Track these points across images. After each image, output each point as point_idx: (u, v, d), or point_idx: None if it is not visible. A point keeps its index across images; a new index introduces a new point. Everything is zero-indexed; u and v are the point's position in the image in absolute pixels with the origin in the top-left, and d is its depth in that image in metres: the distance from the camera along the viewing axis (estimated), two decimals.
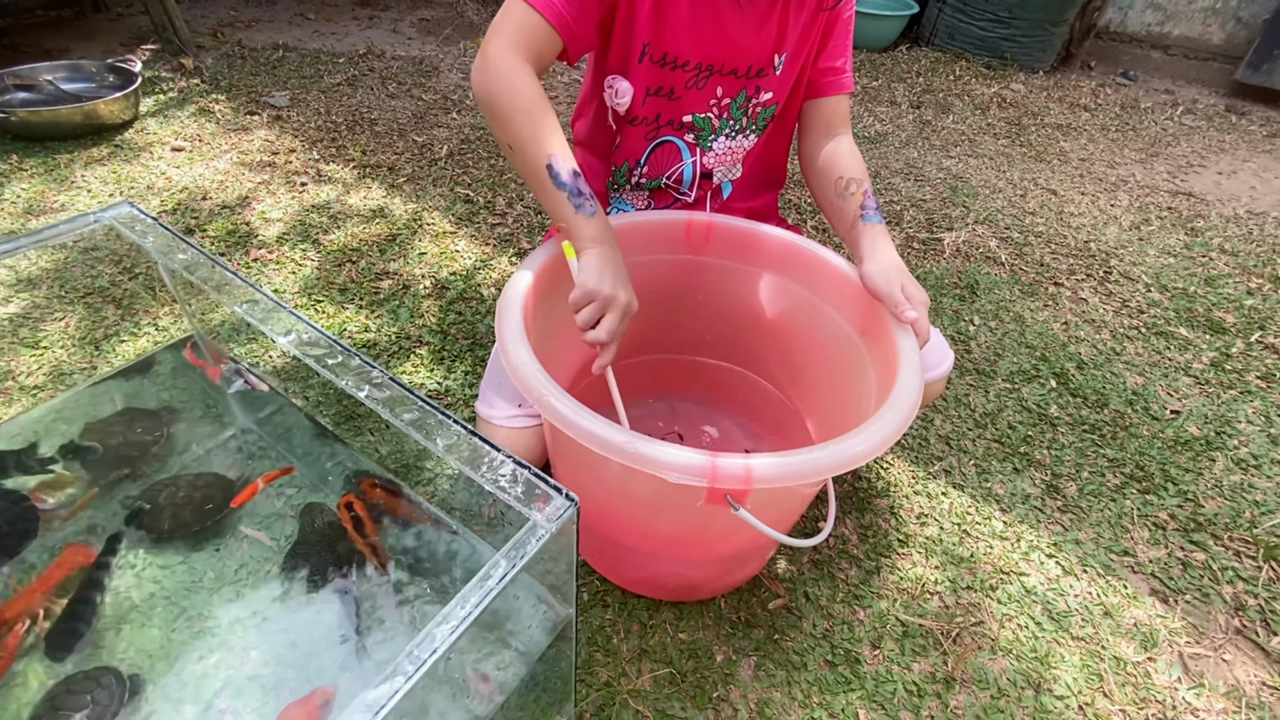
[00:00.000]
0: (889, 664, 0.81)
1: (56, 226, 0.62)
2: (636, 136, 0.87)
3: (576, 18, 0.72)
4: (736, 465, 0.52)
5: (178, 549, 0.71)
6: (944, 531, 0.96)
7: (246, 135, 1.76)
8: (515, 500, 0.40)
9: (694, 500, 0.56)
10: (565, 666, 0.60)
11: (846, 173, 0.82)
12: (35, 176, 1.49)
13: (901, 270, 0.73)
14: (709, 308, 0.92)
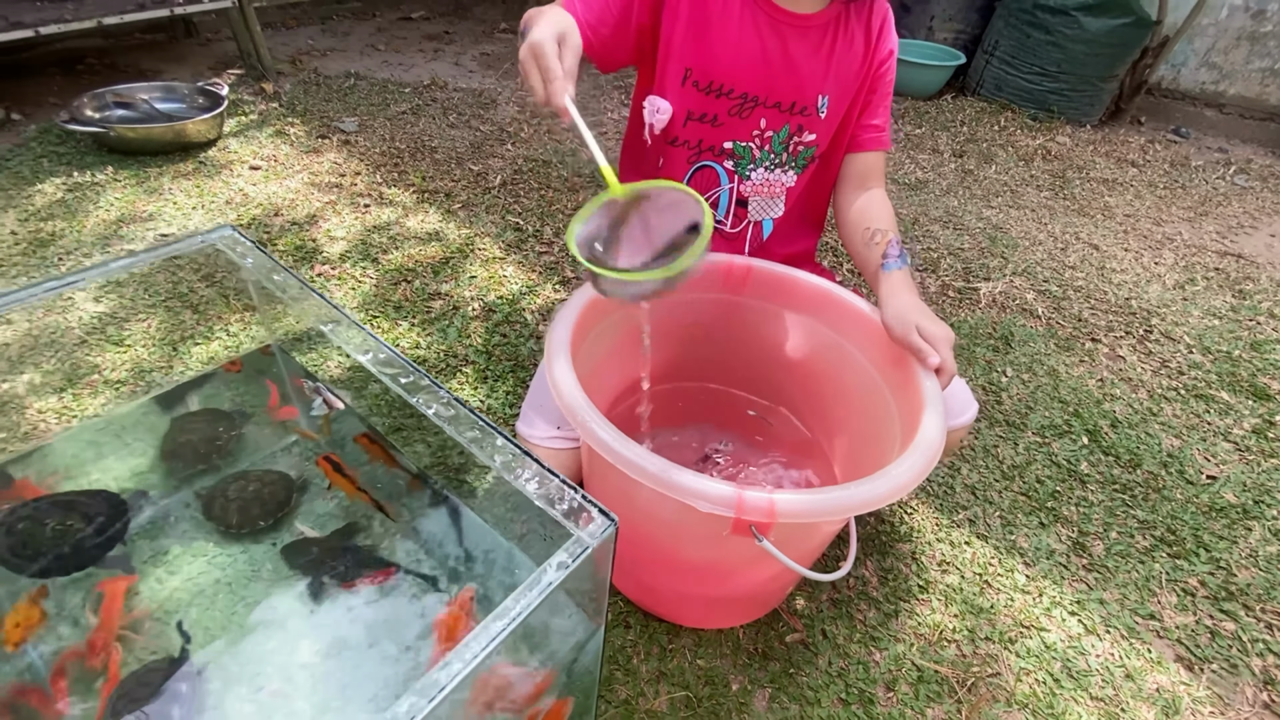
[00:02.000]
0: (903, 707, 0.82)
1: (171, 245, 0.70)
2: (679, 159, 0.92)
3: (592, 23, 0.76)
4: (761, 499, 0.56)
5: (241, 541, 0.77)
6: (965, 580, 0.97)
7: (317, 157, 1.89)
8: (561, 516, 0.45)
9: (720, 529, 0.59)
10: (589, 681, 0.64)
11: (874, 223, 0.87)
12: (128, 187, 1.63)
13: (919, 311, 0.76)
14: (744, 345, 0.96)
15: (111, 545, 0.71)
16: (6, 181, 1.60)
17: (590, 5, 0.77)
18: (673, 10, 0.82)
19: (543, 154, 2.08)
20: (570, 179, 1.96)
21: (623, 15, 0.80)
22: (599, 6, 0.78)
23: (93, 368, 1.14)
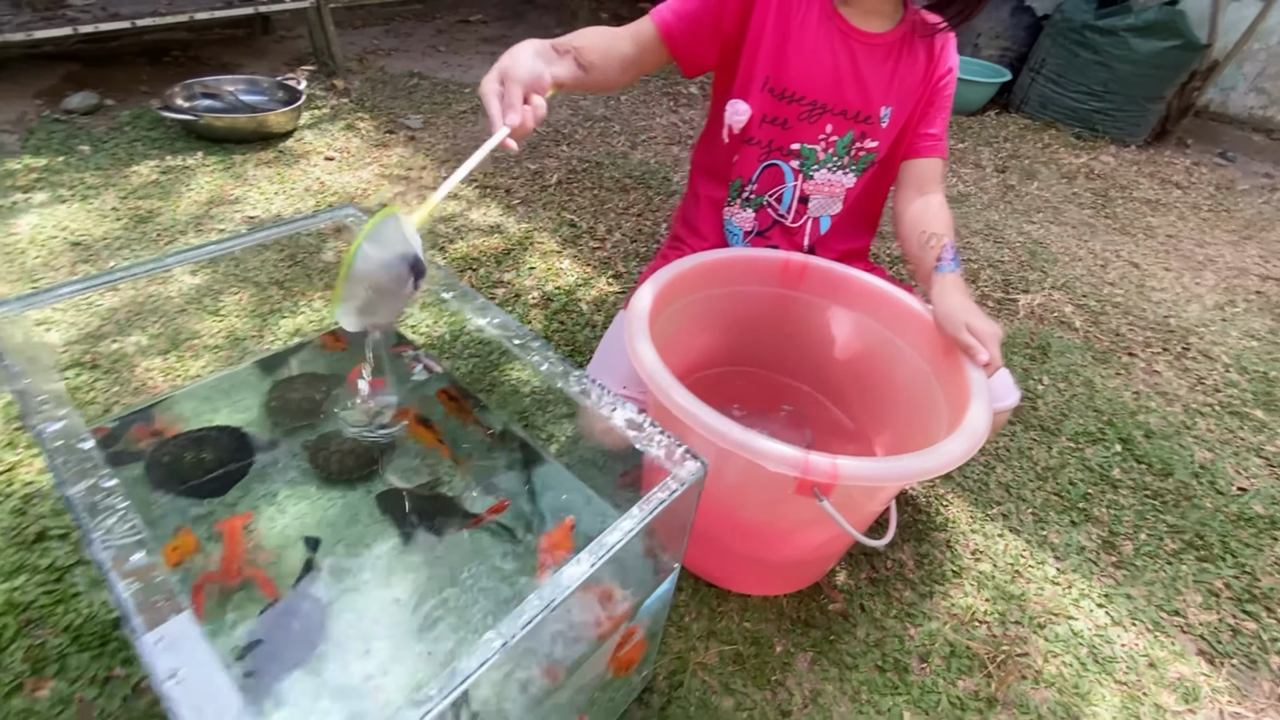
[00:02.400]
0: (935, 677, 0.88)
1: (300, 220, 0.80)
2: (751, 156, 1.00)
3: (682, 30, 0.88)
4: (825, 461, 0.63)
5: (340, 488, 0.86)
6: (997, 569, 1.03)
7: (386, 151, 2.00)
8: (660, 457, 0.53)
9: (784, 490, 0.67)
10: (658, 625, 0.71)
11: (930, 227, 0.93)
12: (215, 172, 1.76)
13: (969, 310, 0.82)
14: (797, 338, 1.03)
15: (244, 474, 0.80)
16: (105, 161, 1.74)
17: (681, 16, 0.88)
18: (759, 23, 0.90)
19: (595, 156, 2.17)
20: (621, 180, 2.05)
21: (713, 28, 0.90)
22: (690, 19, 0.88)
23: (193, 334, 1.25)
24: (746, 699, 0.83)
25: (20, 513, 0.91)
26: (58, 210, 1.52)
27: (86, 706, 0.74)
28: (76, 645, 0.79)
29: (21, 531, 0.89)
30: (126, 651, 0.79)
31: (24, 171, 1.65)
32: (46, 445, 0.47)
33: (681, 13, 0.88)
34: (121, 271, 0.68)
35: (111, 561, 0.40)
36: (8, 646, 0.78)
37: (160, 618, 0.38)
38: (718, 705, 0.82)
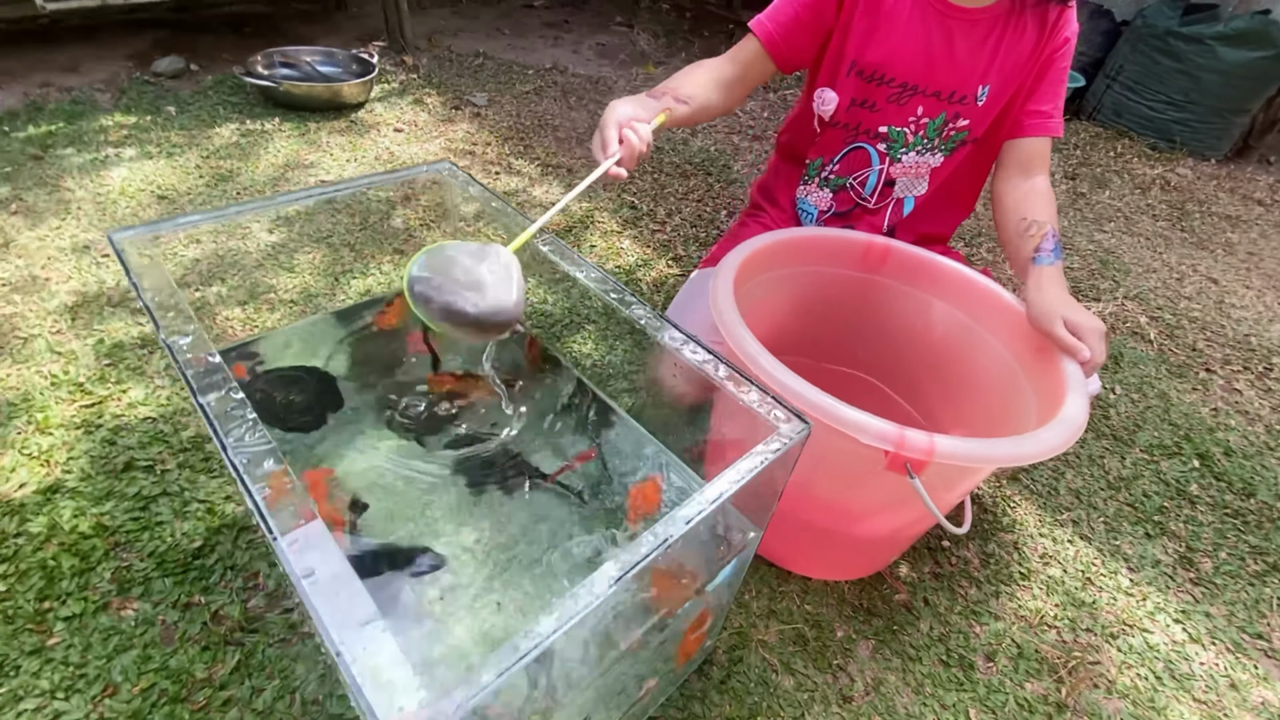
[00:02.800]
0: (1002, 677, 0.85)
1: (401, 172, 0.81)
2: (835, 139, 0.98)
3: (784, 37, 0.91)
4: (921, 437, 0.61)
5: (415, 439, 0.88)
6: (1067, 575, 0.99)
7: (452, 126, 2.03)
8: (762, 414, 0.52)
9: (871, 466, 0.65)
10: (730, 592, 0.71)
11: (1030, 214, 0.89)
12: (291, 137, 1.80)
13: (1066, 305, 0.78)
14: (872, 325, 1.01)
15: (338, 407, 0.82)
16: (189, 122, 1.80)
17: (780, 21, 0.91)
18: (849, 8, 0.88)
19: (656, 141, 2.16)
20: (681, 165, 2.04)
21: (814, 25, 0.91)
22: (790, 23, 0.91)
23: (269, 288, 1.28)
24: (807, 680, 0.82)
25: (110, 443, 0.95)
26: (145, 165, 1.58)
27: (169, 628, 0.77)
28: (160, 571, 0.82)
29: (111, 461, 0.93)
30: (206, 581, 0.82)
31: (115, 128, 1.71)
32: (178, 357, 0.49)
33: (780, 19, 0.91)
34: (238, 207, 0.70)
35: (245, 467, 0.41)
36: (96, 566, 0.81)
37: (293, 521, 0.39)
38: (778, 684, 0.81)
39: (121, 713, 0.69)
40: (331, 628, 0.34)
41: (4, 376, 1.02)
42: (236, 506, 0.90)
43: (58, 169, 1.53)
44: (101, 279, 1.24)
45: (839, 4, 0.90)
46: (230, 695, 0.72)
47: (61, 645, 0.74)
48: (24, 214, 1.38)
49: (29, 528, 0.84)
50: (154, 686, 0.72)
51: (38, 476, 0.90)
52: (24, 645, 0.74)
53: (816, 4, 0.90)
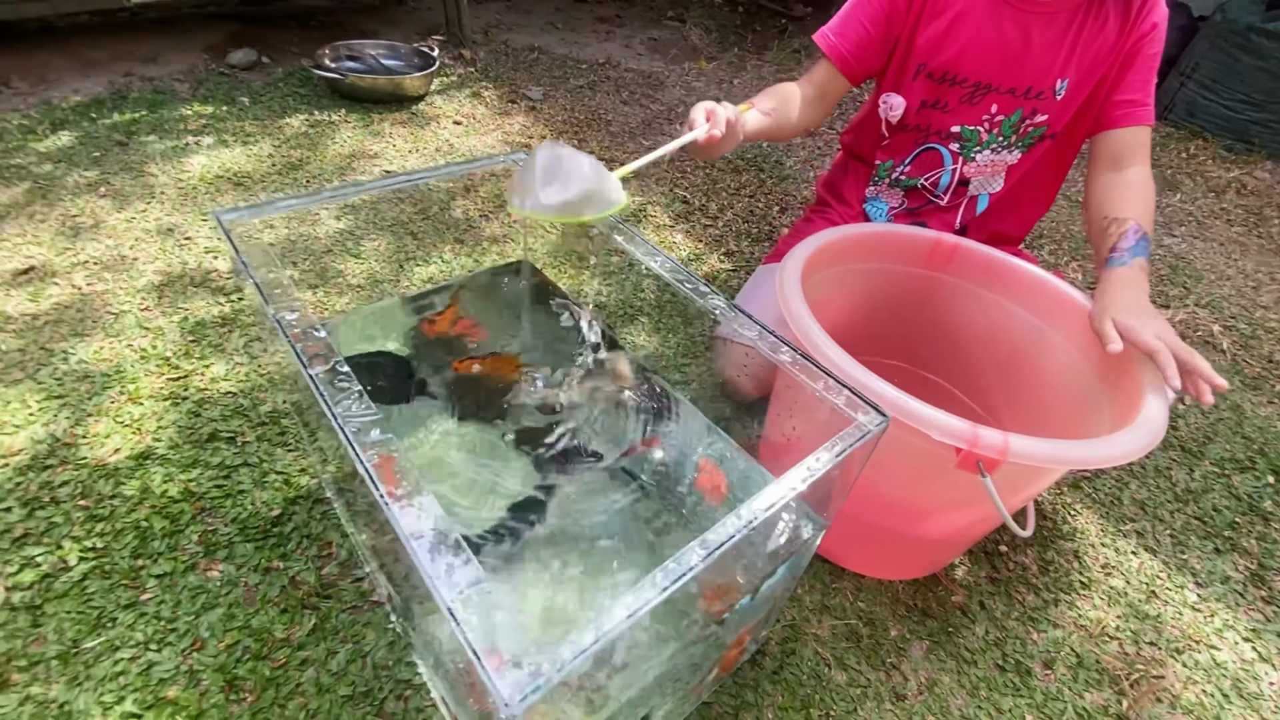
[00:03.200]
0: (1060, 686, 0.84)
1: (475, 162, 0.84)
2: (905, 141, 0.98)
3: (854, 53, 0.93)
4: (995, 435, 0.61)
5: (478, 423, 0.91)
6: (1130, 586, 0.97)
7: (509, 119, 2.07)
8: (840, 407, 0.52)
9: (943, 463, 0.65)
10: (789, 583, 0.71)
11: (1114, 211, 0.85)
12: (356, 128, 1.86)
13: (1124, 306, 0.74)
14: (937, 324, 1.00)
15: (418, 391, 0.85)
16: (262, 112, 1.88)
17: (847, 36, 0.93)
18: (915, 14, 0.88)
19: None
20: (733, 161, 2.03)
21: (884, 36, 0.91)
22: (857, 37, 0.92)
23: (338, 273, 1.33)
24: (860, 676, 0.82)
25: (195, 415, 1.01)
26: (222, 153, 1.66)
27: (250, 590, 0.81)
28: (242, 536, 0.86)
29: (196, 431, 0.98)
30: (284, 548, 0.86)
31: (194, 117, 1.80)
32: (287, 331, 0.52)
33: (849, 35, 0.93)
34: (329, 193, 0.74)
35: (355, 436, 0.44)
36: (185, 529, 0.87)
37: (399, 487, 0.41)
38: (830, 678, 0.81)
39: (209, 665, 0.74)
40: (440, 587, 0.37)
41: (98, 349, 1.09)
42: (310, 479, 0.95)
43: (141, 155, 1.62)
44: (185, 260, 1.31)
45: (906, 10, 0.89)
46: (307, 655, 0.76)
47: (153, 601, 0.79)
48: (112, 197, 1.46)
49: (123, 490, 0.90)
50: (238, 643, 0.76)
51: (130, 443, 0.96)
52: (120, 599, 0.79)
53: (885, 15, 0.90)
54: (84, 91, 1.87)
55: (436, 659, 0.70)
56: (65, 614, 0.76)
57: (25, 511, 0.85)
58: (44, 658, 0.73)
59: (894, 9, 0.90)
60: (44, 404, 0.99)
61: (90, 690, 0.71)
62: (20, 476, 0.89)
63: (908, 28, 0.91)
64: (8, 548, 0.82)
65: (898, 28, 0.91)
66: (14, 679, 0.71)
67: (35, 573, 0.80)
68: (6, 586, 0.78)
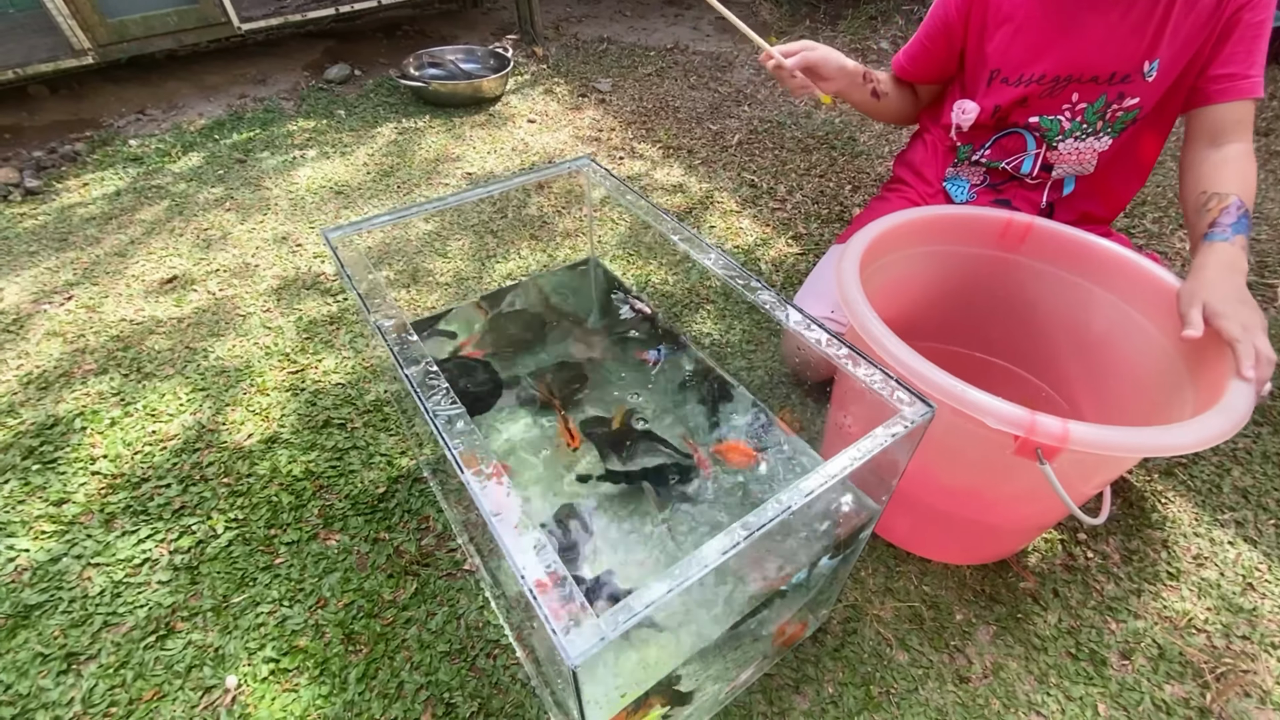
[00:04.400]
0: (1138, 677, 0.82)
1: (545, 170, 0.90)
2: (981, 137, 0.96)
3: (916, 70, 1.00)
4: (1054, 423, 0.61)
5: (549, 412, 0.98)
6: (1224, 578, 0.92)
7: (579, 114, 2.13)
8: (884, 396, 0.55)
9: (1000, 451, 0.65)
10: (847, 565, 0.74)
11: (1211, 187, 0.80)
12: (440, 133, 1.99)
13: (1214, 288, 0.71)
14: (1010, 308, 0.97)
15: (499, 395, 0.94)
16: (356, 124, 2.04)
17: (914, 57, 0.99)
18: (979, 22, 0.86)
19: (777, 116, 2.14)
20: (804, 140, 2.01)
21: (946, 47, 0.94)
22: (921, 56, 0.98)
23: (428, 271, 1.45)
24: (922, 658, 0.83)
25: (311, 404, 1.14)
26: (324, 165, 1.82)
27: (362, 557, 0.93)
28: (354, 510, 0.98)
29: (313, 418, 1.12)
30: (388, 521, 0.97)
31: (299, 132, 1.98)
32: (385, 336, 0.60)
33: (914, 54, 0.99)
34: (417, 207, 0.82)
35: (444, 426, 0.51)
36: (307, 504, 1.00)
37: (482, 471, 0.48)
38: (892, 657, 0.83)
39: (331, 621, 0.86)
40: (516, 555, 0.43)
41: (231, 347, 1.25)
42: (410, 461, 1.06)
43: (258, 170, 1.80)
44: (297, 265, 1.46)
45: (964, 24, 0.89)
46: (410, 615, 0.86)
47: (285, 565, 0.92)
48: (235, 210, 1.65)
49: (257, 470, 1.04)
50: (353, 603, 0.88)
51: (260, 429, 1.10)
52: (258, 563, 0.93)
53: (942, 29, 0.93)
54: (207, 115, 2.09)
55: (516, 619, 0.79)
56: (216, 574, 0.91)
57: (181, 488, 1.01)
58: (201, 610, 0.87)
59: (949, 22, 0.92)
60: (191, 396, 1.15)
61: (238, 638, 0.84)
62: (176, 458, 1.05)
63: (972, 39, 0.90)
64: (169, 518, 0.97)
65: (958, 41, 0.93)
66: (178, 626, 0.86)
67: (191, 539, 0.95)
68: (170, 550, 0.93)
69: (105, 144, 1.92)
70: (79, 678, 0.80)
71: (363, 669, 0.81)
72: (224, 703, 0.78)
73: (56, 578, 0.90)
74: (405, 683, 0.80)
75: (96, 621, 0.86)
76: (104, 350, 1.24)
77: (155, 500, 0.99)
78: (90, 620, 0.86)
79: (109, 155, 1.87)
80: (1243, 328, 0.67)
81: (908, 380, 0.58)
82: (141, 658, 0.82)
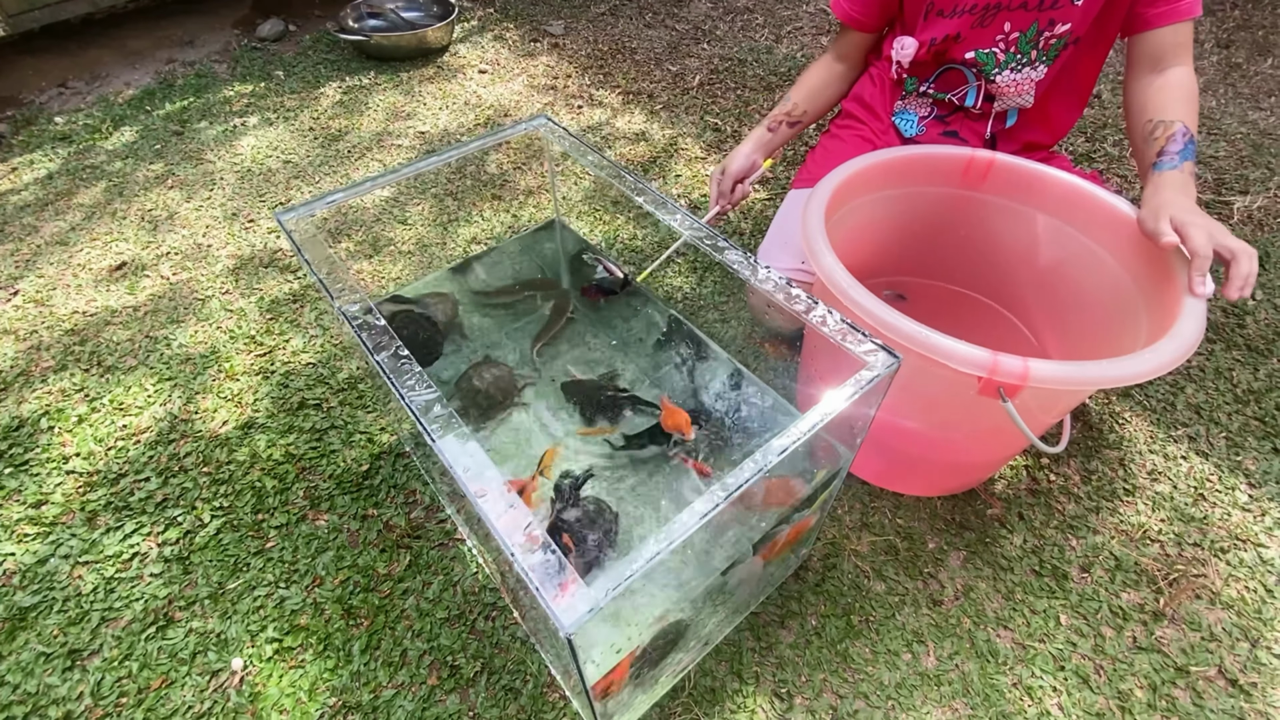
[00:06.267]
0: (1097, 587, 0.88)
1: (502, 132, 0.87)
2: (925, 67, 0.96)
3: (862, 10, 0.98)
4: (1015, 362, 0.63)
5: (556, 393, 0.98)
6: (1177, 490, 0.98)
7: (532, 61, 2.04)
8: (850, 349, 0.56)
9: (964, 391, 0.68)
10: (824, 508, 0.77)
11: (1157, 114, 0.81)
12: (388, 90, 1.90)
13: (1176, 205, 0.72)
14: (973, 244, 0.99)
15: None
16: (297, 85, 1.93)
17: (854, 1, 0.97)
18: None
19: (738, 53, 2.08)
20: (766, 78, 1.96)
21: None
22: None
23: (388, 241, 1.41)
24: (898, 585, 0.88)
25: (283, 386, 1.13)
26: (268, 132, 1.74)
27: (353, 535, 0.94)
28: (339, 490, 0.99)
29: (287, 401, 1.10)
30: (375, 497, 0.98)
31: (237, 98, 1.87)
32: (351, 321, 0.59)
33: None
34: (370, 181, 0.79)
35: (421, 411, 0.52)
36: (291, 486, 1.00)
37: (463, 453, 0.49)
38: (870, 588, 0.88)
39: (329, 598, 0.88)
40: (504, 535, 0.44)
41: (194, 333, 1.22)
42: (390, 437, 1.06)
43: (197, 143, 1.71)
44: (252, 243, 1.41)
45: None
46: (407, 587, 0.89)
47: (276, 548, 0.93)
48: (179, 187, 1.57)
49: (236, 456, 1.03)
50: (349, 579, 0.89)
51: (234, 415, 1.09)
52: (250, 548, 0.93)
53: None
54: (135, 84, 1.96)
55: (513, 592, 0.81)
56: (209, 562, 0.92)
57: (161, 480, 1.00)
58: (198, 598, 0.88)
59: None
60: (159, 386, 1.13)
61: (239, 621, 0.86)
62: (151, 450, 1.04)
63: None
64: (153, 511, 0.97)
65: None
66: (177, 616, 0.87)
67: (179, 530, 0.95)
68: (158, 543, 0.94)
69: (29, 123, 1.80)
70: (85, 672, 0.82)
71: (365, 641, 0.84)
72: (232, 684, 0.81)
73: (47, 579, 0.90)
74: (408, 650, 0.83)
75: (94, 618, 0.87)
76: (60, 345, 1.20)
77: (136, 495, 0.99)
78: (88, 617, 0.87)
79: (35, 135, 1.76)
80: (1208, 235, 0.69)
81: (874, 331, 0.59)
82: (144, 649, 0.84)
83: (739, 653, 0.82)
